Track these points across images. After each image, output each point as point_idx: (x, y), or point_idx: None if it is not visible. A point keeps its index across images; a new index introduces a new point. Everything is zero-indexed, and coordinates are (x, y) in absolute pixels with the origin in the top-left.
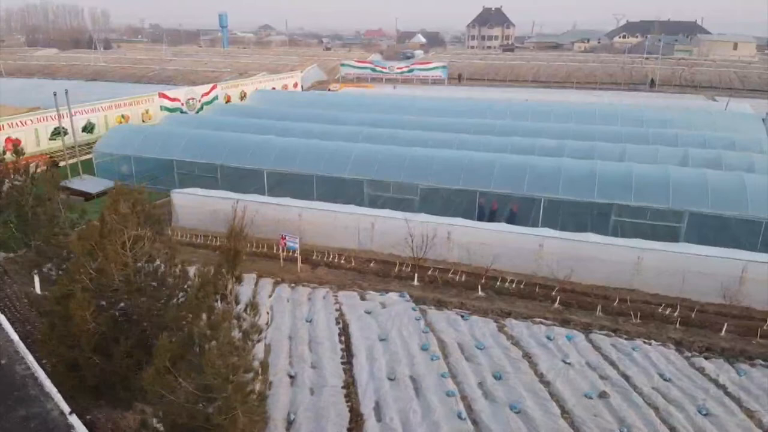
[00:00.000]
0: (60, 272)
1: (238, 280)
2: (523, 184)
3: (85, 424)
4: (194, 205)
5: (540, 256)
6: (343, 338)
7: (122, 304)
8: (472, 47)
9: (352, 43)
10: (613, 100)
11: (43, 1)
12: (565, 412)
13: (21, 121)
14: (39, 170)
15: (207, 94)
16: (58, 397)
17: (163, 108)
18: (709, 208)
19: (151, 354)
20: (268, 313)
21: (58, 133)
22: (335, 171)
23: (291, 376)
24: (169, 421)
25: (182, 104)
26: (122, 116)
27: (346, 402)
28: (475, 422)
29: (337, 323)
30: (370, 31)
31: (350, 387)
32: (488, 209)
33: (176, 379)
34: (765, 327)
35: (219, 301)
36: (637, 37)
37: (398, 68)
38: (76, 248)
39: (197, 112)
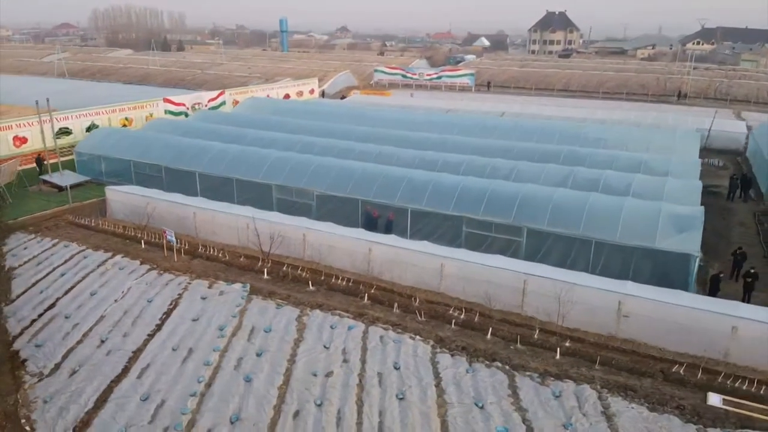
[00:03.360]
0: None
1: None
2: (396, 196)
3: None
4: (122, 201)
5: (370, 258)
6: (164, 316)
7: None
8: (533, 51)
9: (413, 46)
10: (611, 114)
11: (127, 3)
12: (284, 384)
13: (28, 122)
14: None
15: (214, 99)
16: None
17: (167, 112)
18: (545, 226)
19: None
20: (122, 292)
21: (62, 132)
22: (251, 176)
23: (102, 341)
24: None
25: (188, 109)
26: (126, 119)
27: (126, 362)
28: (207, 385)
29: (170, 304)
30: (439, 34)
31: (138, 352)
32: (371, 216)
33: None
34: (536, 336)
35: None
36: (712, 43)
37: (427, 75)
38: None
39: None
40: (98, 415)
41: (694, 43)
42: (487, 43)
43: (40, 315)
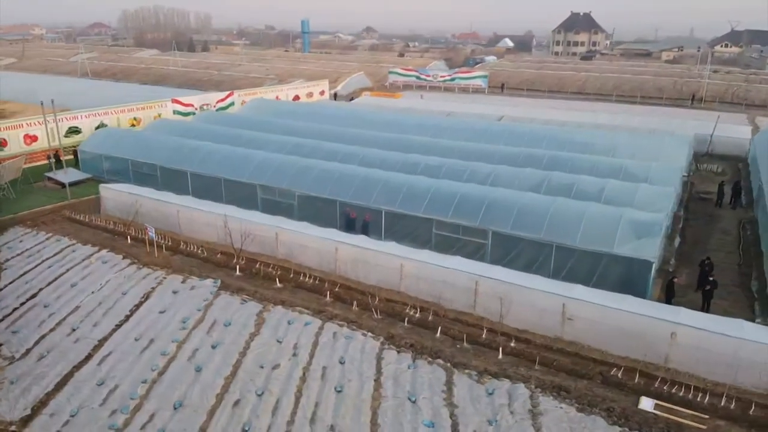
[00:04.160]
0: None
1: None
2: (372, 198)
3: None
4: (113, 198)
5: (336, 258)
6: (134, 308)
7: None
8: (557, 53)
9: (436, 47)
10: (614, 118)
11: (156, 4)
12: (231, 376)
13: (38, 121)
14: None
15: (222, 100)
16: None
17: (176, 112)
18: (509, 229)
19: None
20: (100, 285)
21: (72, 131)
22: (237, 176)
23: (73, 329)
24: None
25: (196, 109)
26: (135, 119)
27: (91, 350)
28: (160, 373)
29: (142, 297)
30: (464, 34)
31: (104, 341)
32: (349, 217)
33: None
34: (484, 336)
35: None
36: (740, 46)
37: (441, 76)
38: None
39: None
40: (56, 396)
41: (722, 46)
42: (510, 44)
43: (22, 304)
